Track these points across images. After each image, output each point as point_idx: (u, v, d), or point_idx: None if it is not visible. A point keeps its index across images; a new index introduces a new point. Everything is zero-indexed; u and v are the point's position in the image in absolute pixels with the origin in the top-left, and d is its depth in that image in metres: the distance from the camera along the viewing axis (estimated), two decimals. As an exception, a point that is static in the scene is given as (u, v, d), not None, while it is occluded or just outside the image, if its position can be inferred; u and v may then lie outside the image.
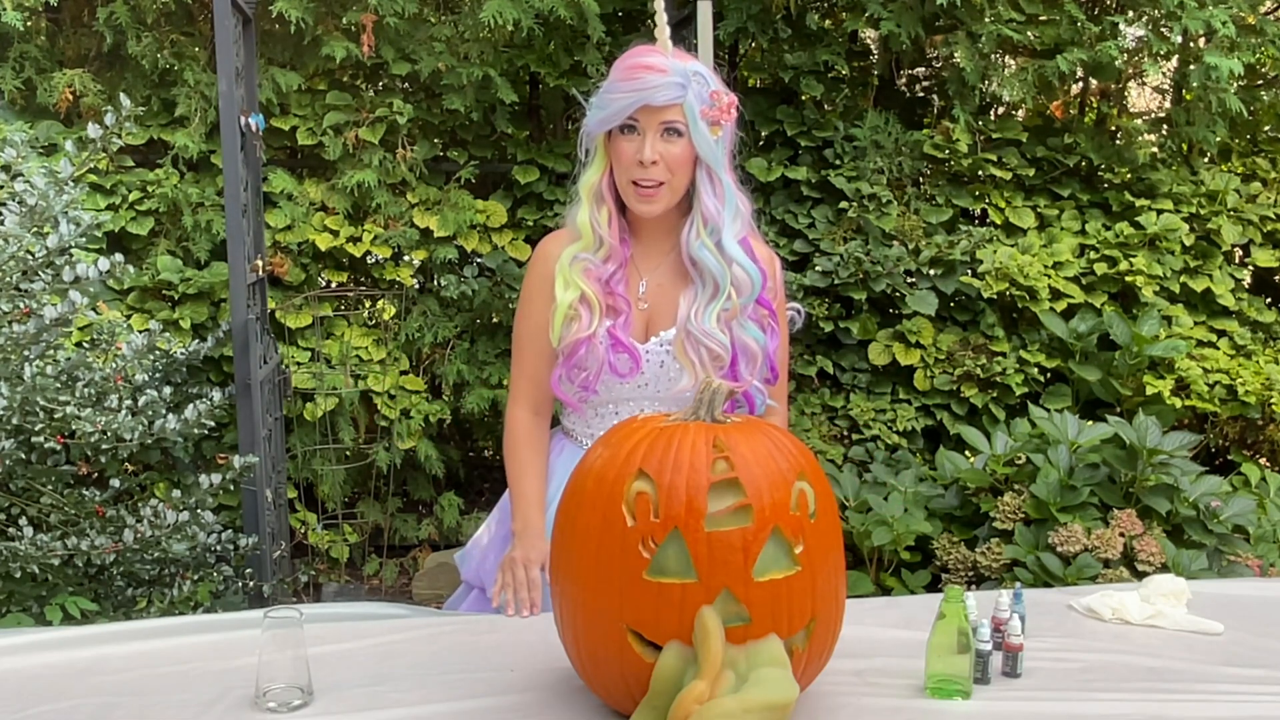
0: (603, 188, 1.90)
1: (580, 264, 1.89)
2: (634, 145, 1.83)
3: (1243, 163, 4.55)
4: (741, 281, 1.87)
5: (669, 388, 1.90)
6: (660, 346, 1.90)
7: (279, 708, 1.49)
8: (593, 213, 1.89)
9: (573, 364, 1.89)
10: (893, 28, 4.01)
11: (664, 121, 1.81)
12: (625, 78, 1.81)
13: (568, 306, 1.87)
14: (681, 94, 1.79)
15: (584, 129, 1.89)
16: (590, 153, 1.91)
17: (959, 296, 4.18)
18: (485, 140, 4.20)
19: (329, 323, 3.96)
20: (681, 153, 1.83)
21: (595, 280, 1.88)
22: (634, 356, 1.88)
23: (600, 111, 1.84)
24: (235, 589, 3.05)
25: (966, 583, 3.06)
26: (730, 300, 1.87)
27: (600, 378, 1.88)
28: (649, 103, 1.79)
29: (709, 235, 1.86)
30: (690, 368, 1.87)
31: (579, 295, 1.87)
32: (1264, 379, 4.01)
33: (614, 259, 1.90)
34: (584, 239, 1.90)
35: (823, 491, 1.46)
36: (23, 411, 2.51)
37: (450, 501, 4.11)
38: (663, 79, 1.79)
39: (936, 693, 1.55)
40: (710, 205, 1.86)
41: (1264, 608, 1.98)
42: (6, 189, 2.68)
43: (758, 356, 1.90)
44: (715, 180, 1.86)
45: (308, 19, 3.71)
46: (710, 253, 1.86)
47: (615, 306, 1.89)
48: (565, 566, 1.46)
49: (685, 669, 1.35)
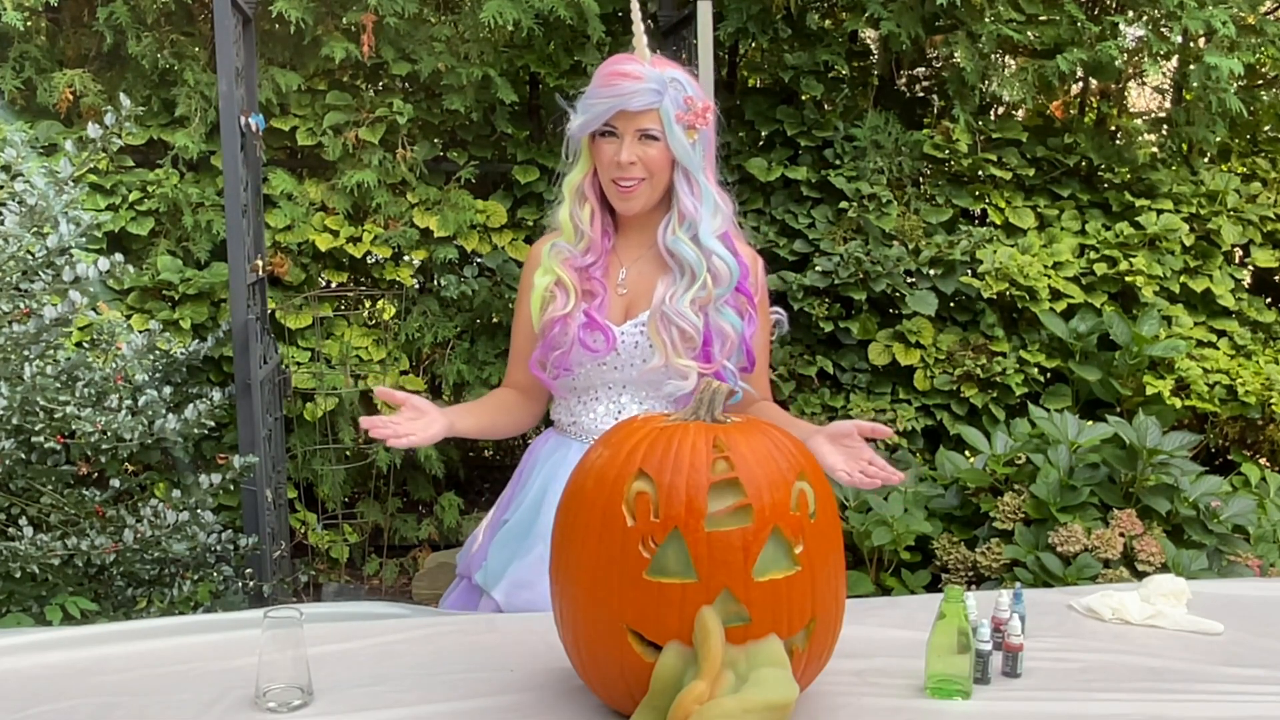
0: (585, 186, 1.99)
1: (560, 252, 1.98)
2: (613, 148, 1.91)
3: (1243, 163, 4.56)
4: (719, 272, 1.94)
5: (641, 367, 1.96)
6: (635, 328, 1.97)
7: (279, 708, 1.49)
8: (574, 209, 1.99)
9: (548, 343, 1.98)
10: (893, 28, 4.01)
11: (640, 128, 1.89)
12: (603, 84, 1.90)
13: (544, 289, 1.98)
14: (657, 100, 1.88)
15: (569, 132, 1.98)
16: (575, 155, 2.00)
17: (959, 296, 4.18)
18: (485, 140, 4.20)
19: (329, 323, 3.96)
20: (659, 155, 1.91)
21: (571, 268, 1.97)
22: (607, 335, 1.95)
23: (582, 116, 1.93)
24: (235, 589, 3.05)
25: (966, 583, 3.06)
26: (706, 288, 1.93)
27: (572, 354, 1.95)
28: (625, 108, 1.88)
29: (685, 231, 1.94)
30: (661, 346, 1.94)
31: (554, 279, 1.97)
32: (1264, 379, 4.01)
33: (594, 251, 1.98)
34: (565, 233, 2.00)
35: (823, 491, 1.46)
36: (23, 411, 2.51)
37: (450, 502, 4.11)
38: (638, 85, 1.87)
39: (936, 693, 1.55)
40: (688, 204, 1.94)
41: (1264, 608, 1.98)
42: (6, 189, 2.68)
43: (731, 339, 1.96)
44: (692, 181, 1.94)
45: (308, 19, 3.71)
46: (686, 245, 1.93)
47: (591, 290, 1.97)
48: (565, 566, 1.46)
49: (685, 669, 1.35)
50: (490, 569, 2.00)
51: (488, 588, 1.99)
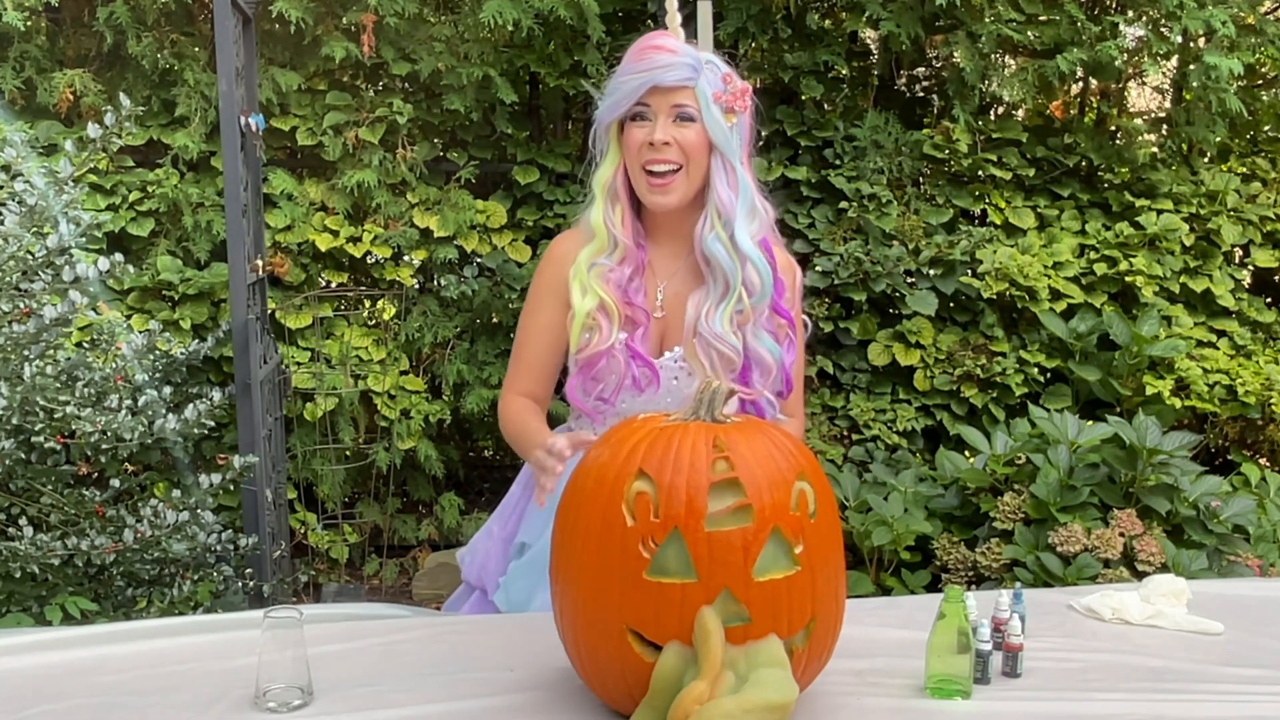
0: (617, 184, 1.83)
1: (598, 270, 1.82)
2: (645, 131, 1.76)
3: (1243, 163, 4.55)
4: (752, 281, 1.80)
5: (681, 395, 1.85)
6: (674, 363, 1.86)
7: (279, 708, 1.49)
8: (607, 211, 1.83)
9: (591, 376, 1.83)
10: (893, 28, 4.01)
11: (676, 105, 1.75)
12: (636, 59, 1.77)
13: (586, 315, 1.81)
14: (693, 76, 1.74)
15: (596, 122, 1.84)
16: (603, 149, 1.84)
17: (959, 296, 4.18)
18: (485, 140, 4.20)
19: (329, 323, 3.96)
20: (696, 138, 1.76)
21: (615, 287, 1.82)
22: (653, 371, 1.83)
23: (610, 98, 1.79)
24: (235, 589, 3.05)
25: (966, 583, 3.06)
26: (741, 301, 1.80)
27: (619, 392, 1.83)
28: (659, 83, 1.73)
29: (723, 228, 1.79)
30: (701, 370, 1.81)
31: (598, 303, 1.81)
32: (1264, 379, 4.01)
33: (629, 261, 1.84)
34: (598, 239, 1.84)
35: (823, 491, 1.46)
36: (23, 411, 2.51)
37: (450, 502, 4.11)
38: (673, 58, 1.74)
39: (936, 693, 1.55)
40: (724, 195, 1.79)
41: (1264, 608, 1.98)
42: (6, 189, 2.68)
43: (772, 369, 1.84)
44: (730, 169, 1.79)
45: (308, 19, 3.71)
46: (724, 246, 1.79)
47: (634, 318, 1.83)
48: (565, 566, 1.46)
49: (685, 669, 1.35)
50: (512, 596, 1.91)
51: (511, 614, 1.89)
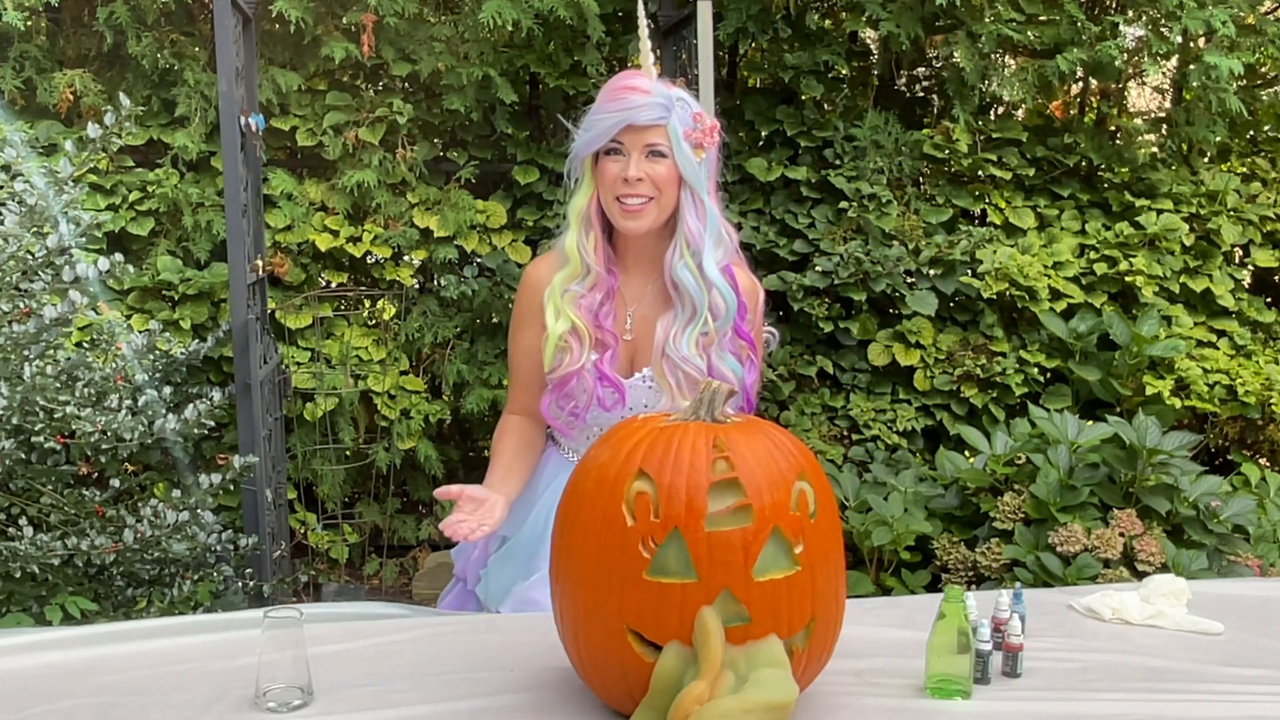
0: (590, 212, 1.94)
1: (571, 295, 1.94)
2: (619, 165, 1.88)
3: (1243, 163, 4.55)
4: (718, 306, 1.92)
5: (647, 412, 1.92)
6: (643, 382, 1.96)
7: (279, 708, 1.49)
8: (580, 238, 1.94)
9: (563, 394, 1.95)
10: (892, 28, 4.01)
11: (648, 143, 1.86)
12: (610, 99, 1.87)
13: (559, 337, 1.93)
14: (665, 115, 1.85)
15: (572, 153, 1.94)
16: (578, 178, 1.96)
17: (959, 296, 4.18)
18: (485, 140, 4.20)
19: (329, 323, 3.96)
20: (667, 173, 1.87)
21: (586, 311, 1.94)
22: (620, 391, 1.94)
23: (587, 133, 1.90)
24: (235, 589, 3.05)
25: (966, 583, 3.06)
26: (707, 325, 1.92)
27: (589, 409, 1.94)
28: (633, 122, 1.85)
29: (691, 257, 1.91)
30: (668, 390, 1.93)
31: (570, 327, 1.92)
32: (1264, 379, 4.01)
33: (600, 286, 1.95)
34: (572, 265, 1.95)
35: (823, 491, 1.46)
36: (23, 411, 2.51)
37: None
38: (646, 99, 1.85)
39: (936, 693, 1.55)
40: (693, 226, 1.90)
41: (1264, 608, 1.98)
42: (6, 189, 2.68)
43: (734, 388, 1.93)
44: (698, 201, 1.90)
45: (308, 19, 3.71)
46: (691, 274, 1.90)
47: (603, 341, 1.94)
48: (565, 566, 1.46)
49: (685, 669, 1.35)
50: (491, 587, 2.00)
51: (490, 605, 1.98)
